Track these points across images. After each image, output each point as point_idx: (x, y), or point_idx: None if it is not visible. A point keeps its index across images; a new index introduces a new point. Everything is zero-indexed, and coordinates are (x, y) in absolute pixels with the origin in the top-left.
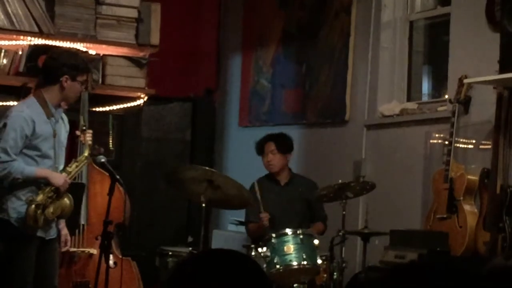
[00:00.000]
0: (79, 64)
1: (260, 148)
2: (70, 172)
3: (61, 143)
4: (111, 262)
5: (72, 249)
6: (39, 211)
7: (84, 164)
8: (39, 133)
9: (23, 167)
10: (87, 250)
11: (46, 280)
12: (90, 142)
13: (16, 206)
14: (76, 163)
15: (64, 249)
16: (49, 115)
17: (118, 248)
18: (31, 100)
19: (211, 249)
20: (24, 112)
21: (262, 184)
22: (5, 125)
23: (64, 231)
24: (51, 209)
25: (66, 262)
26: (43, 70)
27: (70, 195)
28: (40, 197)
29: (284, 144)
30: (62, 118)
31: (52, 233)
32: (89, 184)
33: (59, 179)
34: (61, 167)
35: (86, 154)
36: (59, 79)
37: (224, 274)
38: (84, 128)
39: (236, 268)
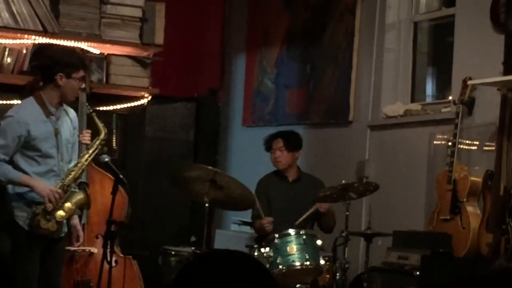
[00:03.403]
0: (73, 61)
1: (269, 144)
2: (83, 162)
3: (66, 141)
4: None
5: (73, 248)
6: (41, 220)
7: (97, 150)
8: (36, 134)
9: (9, 170)
10: (87, 248)
11: (51, 278)
12: (88, 141)
13: (21, 205)
14: (91, 149)
15: (77, 245)
16: (48, 115)
17: (118, 246)
18: (29, 100)
19: (216, 250)
20: (17, 114)
21: (270, 181)
22: None
23: (78, 227)
24: (66, 207)
25: (67, 261)
26: (40, 70)
27: (86, 187)
28: (42, 207)
29: (292, 142)
30: (67, 115)
31: (61, 232)
32: (88, 183)
33: (43, 189)
34: (73, 163)
35: (101, 136)
36: (54, 77)
37: (228, 274)
38: (90, 110)
39: (241, 268)
